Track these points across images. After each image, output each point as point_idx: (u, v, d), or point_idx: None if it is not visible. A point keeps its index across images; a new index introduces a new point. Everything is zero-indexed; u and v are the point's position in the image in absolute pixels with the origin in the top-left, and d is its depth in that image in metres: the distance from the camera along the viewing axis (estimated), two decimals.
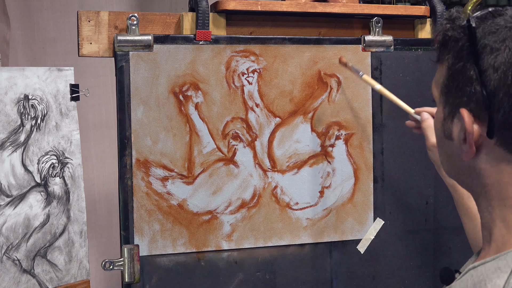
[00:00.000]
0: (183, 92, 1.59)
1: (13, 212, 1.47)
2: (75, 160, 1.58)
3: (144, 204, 1.57)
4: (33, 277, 1.50)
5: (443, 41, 0.87)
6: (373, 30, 1.72)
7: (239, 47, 1.62)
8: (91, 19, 1.55)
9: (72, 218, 1.58)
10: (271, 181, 1.66)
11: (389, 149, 1.74)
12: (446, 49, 0.87)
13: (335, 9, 1.70)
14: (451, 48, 0.86)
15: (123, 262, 1.55)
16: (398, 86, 1.74)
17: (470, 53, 0.83)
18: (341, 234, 1.72)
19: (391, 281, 1.77)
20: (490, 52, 0.81)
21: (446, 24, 0.87)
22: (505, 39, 0.81)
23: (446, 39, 0.87)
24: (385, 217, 1.75)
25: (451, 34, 0.86)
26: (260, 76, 1.64)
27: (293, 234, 1.68)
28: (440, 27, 0.88)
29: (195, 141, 1.60)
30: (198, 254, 1.62)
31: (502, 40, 0.81)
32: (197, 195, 1.61)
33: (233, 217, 1.64)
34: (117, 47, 1.54)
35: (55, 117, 1.55)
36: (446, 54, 0.87)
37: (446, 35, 0.86)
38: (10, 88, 1.46)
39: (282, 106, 1.66)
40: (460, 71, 0.84)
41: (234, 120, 1.63)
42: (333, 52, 1.68)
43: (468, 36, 0.83)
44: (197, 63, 1.59)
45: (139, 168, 1.56)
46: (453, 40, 0.86)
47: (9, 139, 1.46)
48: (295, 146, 1.68)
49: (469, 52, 0.83)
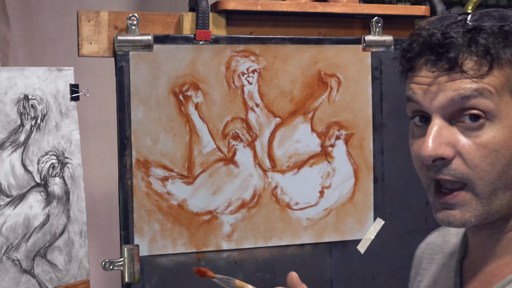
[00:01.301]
0: (183, 92, 1.59)
1: (13, 212, 1.47)
2: (75, 160, 1.58)
3: (144, 204, 1.57)
4: (33, 277, 1.50)
5: (499, 42, 0.80)
6: (373, 30, 1.72)
7: (239, 47, 1.62)
8: (91, 19, 1.55)
9: (72, 218, 1.58)
10: (271, 181, 1.66)
11: (389, 149, 1.74)
12: (507, 49, 0.80)
13: (335, 9, 1.69)
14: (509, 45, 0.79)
15: (123, 262, 1.55)
16: (398, 86, 1.73)
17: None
18: (341, 234, 1.72)
19: (391, 281, 1.77)
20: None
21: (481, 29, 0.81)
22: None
23: (500, 40, 0.80)
24: (385, 217, 1.75)
25: (506, 32, 0.79)
26: (260, 76, 1.64)
27: (293, 234, 1.68)
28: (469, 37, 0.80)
29: (195, 141, 1.60)
30: (198, 254, 1.62)
31: None
32: (197, 195, 1.61)
33: (233, 217, 1.64)
34: (117, 47, 1.54)
35: (55, 117, 1.55)
36: (508, 54, 0.80)
37: (499, 35, 0.80)
38: (10, 88, 1.46)
39: (282, 106, 1.66)
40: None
41: (234, 120, 1.63)
42: (333, 52, 1.68)
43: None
44: (197, 63, 1.59)
45: (139, 168, 1.56)
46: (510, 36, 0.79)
47: (9, 139, 1.46)
48: (295, 146, 1.68)
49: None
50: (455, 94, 0.80)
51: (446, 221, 0.83)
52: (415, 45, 0.83)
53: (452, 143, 0.81)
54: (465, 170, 0.80)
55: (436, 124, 0.81)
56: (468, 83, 0.79)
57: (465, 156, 0.80)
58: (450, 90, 0.80)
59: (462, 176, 0.81)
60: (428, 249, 1.04)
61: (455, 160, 0.81)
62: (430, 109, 0.82)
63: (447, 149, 0.81)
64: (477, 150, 0.80)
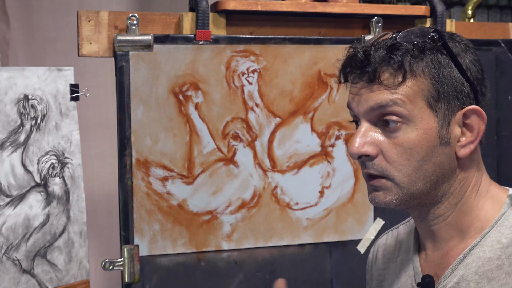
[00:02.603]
0: (183, 92, 1.59)
1: (13, 212, 1.47)
2: (75, 160, 1.58)
3: (144, 204, 1.57)
4: (33, 277, 1.50)
5: (414, 56, 0.94)
6: (373, 30, 1.72)
7: (239, 47, 1.62)
8: (91, 19, 1.55)
9: (72, 218, 1.58)
10: (271, 181, 1.66)
11: None
12: (420, 62, 0.94)
13: (335, 9, 1.69)
14: (427, 59, 0.94)
15: (123, 262, 1.55)
16: None
17: (448, 58, 0.94)
18: (341, 234, 1.72)
19: None
20: (460, 56, 0.95)
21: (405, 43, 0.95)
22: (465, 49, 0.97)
23: (415, 54, 0.94)
24: (385, 217, 1.75)
25: (421, 48, 0.94)
26: (260, 76, 1.64)
27: (293, 234, 1.68)
28: (398, 49, 0.95)
29: (195, 141, 1.60)
30: (198, 254, 1.62)
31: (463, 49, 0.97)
32: (197, 195, 1.61)
33: (233, 217, 1.64)
34: (117, 47, 1.54)
35: (55, 117, 1.55)
36: (421, 67, 0.94)
37: (414, 50, 0.94)
38: (10, 88, 1.46)
39: (282, 106, 1.66)
40: (448, 75, 0.94)
41: (234, 120, 1.63)
42: (333, 52, 1.68)
43: (443, 44, 0.94)
44: (197, 63, 1.59)
45: (139, 168, 1.56)
46: (427, 51, 0.94)
47: (9, 139, 1.46)
48: (295, 146, 1.68)
49: (447, 57, 0.94)
50: (374, 103, 0.95)
51: (374, 200, 0.99)
52: (346, 60, 0.99)
53: (376, 143, 0.96)
54: (385, 166, 0.96)
55: (363, 126, 0.97)
56: (384, 93, 0.94)
57: (385, 153, 0.96)
58: (370, 100, 0.95)
59: (383, 170, 0.96)
60: (381, 251, 1.17)
61: (378, 157, 0.96)
62: (359, 114, 0.98)
63: (371, 148, 0.96)
64: (394, 148, 0.95)
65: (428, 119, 0.94)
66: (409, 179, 0.96)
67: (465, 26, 1.90)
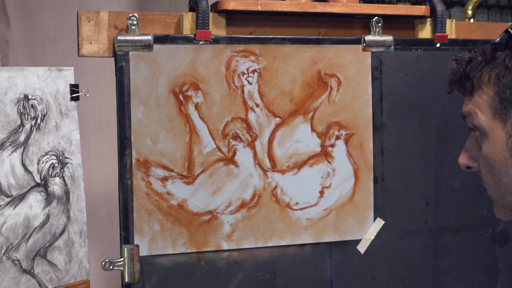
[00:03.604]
0: (183, 92, 1.59)
1: (13, 212, 1.47)
2: (75, 160, 1.58)
3: (144, 204, 1.57)
4: (33, 277, 1.50)
5: (477, 66, 0.91)
6: (373, 30, 1.72)
7: (239, 47, 1.62)
8: (91, 19, 1.55)
9: (72, 218, 1.58)
10: (271, 181, 1.66)
11: (389, 149, 1.74)
12: (486, 69, 0.91)
13: (335, 9, 1.70)
14: (492, 67, 0.91)
15: (123, 262, 1.55)
16: (398, 86, 1.74)
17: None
18: (341, 234, 1.72)
19: (391, 281, 1.77)
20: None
21: (466, 55, 0.95)
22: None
23: (480, 63, 0.91)
24: (385, 217, 1.75)
25: (488, 56, 0.92)
26: (260, 76, 1.64)
27: (293, 234, 1.68)
28: (459, 62, 0.94)
29: (195, 141, 1.60)
30: (198, 254, 1.62)
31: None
32: (197, 195, 1.61)
33: (233, 217, 1.64)
34: (117, 47, 1.54)
35: (55, 117, 1.55)
36: (488, 76, 0.90)
37: (478, 59, 0.92)
38: (10, 88, 1.46)
39: (282, 106, 1.66)
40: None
41: (234, 120, 1.63)
42: (333, 52, 1.68)
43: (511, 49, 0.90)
44: (197, 63, 1.59)
45: (139, 168, 1.56)
46: (492, 59, 0.91)
47: (9, 139, 1.46)
48: (295, 146, 1.68)
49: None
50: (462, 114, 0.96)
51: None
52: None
53: (477, 156, 0.95)
54: (483, 179, 0.94)
55: (469, 138, 0.96)
56: (465, 105, 0.94)
57: (480, 167, 0.94)
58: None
59: (484, 183, 0.94)
60: None
61: (482, 170, 0.94)
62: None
63: (472, 161, 0.95)
64: (482, 161, 0.92)
65: (497, 129, 0.89)
66: (497, 194, 0.91)
67: (465, 26, 1.90)
